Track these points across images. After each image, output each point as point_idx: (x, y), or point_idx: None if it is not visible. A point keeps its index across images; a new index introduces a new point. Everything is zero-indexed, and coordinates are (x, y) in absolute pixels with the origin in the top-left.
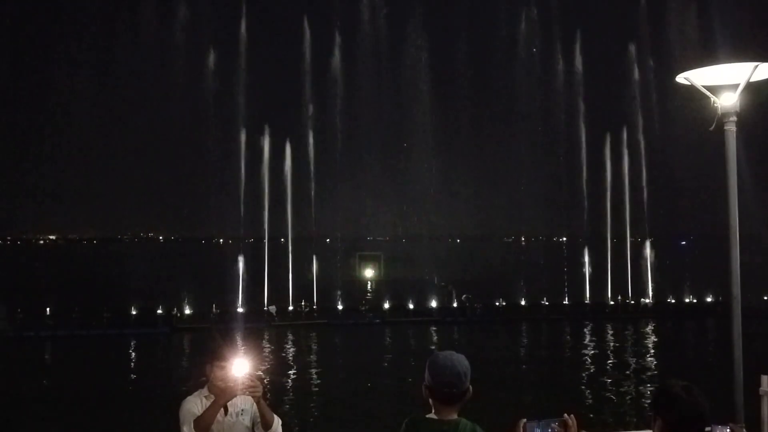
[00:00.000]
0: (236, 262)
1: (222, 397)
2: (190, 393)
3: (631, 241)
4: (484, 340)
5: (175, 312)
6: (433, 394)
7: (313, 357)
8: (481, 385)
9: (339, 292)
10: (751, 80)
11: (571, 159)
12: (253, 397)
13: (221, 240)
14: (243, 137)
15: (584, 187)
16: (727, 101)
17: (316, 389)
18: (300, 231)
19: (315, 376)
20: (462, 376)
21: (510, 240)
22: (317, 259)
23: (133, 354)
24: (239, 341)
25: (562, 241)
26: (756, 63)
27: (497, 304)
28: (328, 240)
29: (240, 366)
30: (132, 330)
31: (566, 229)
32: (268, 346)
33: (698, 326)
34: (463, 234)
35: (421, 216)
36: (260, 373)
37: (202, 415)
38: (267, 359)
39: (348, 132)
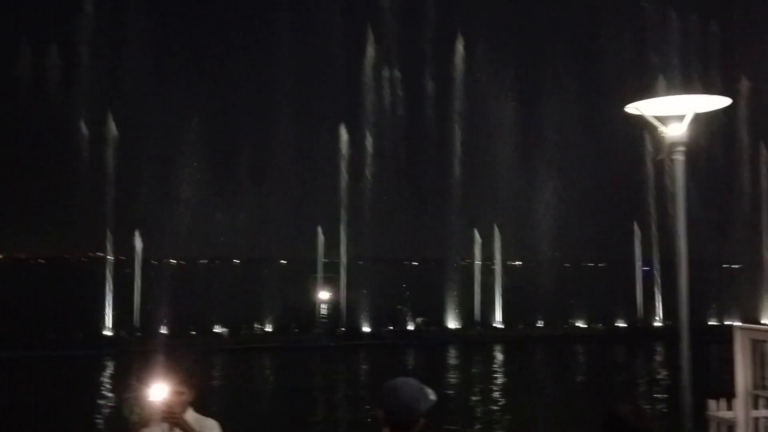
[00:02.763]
0: (190, 283)
1: (139, 423)
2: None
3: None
4: (437, 364)
5: (122, 334)
6: (382, 420)
7: (257, 381)
8: (434, 412)
9: (294, 315)
10: (698, 112)
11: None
12: (172, 423)
13: (173, 261)
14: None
15: None
16: (675, 131)
17: (258, 415)
18: (254, 252)
19: (258, 402)
20: (406, 408)
21: (465, 263)
22: (272, 281)
23: (72, 377)
24: (164, 366)
25: (517, 265)
26: (702, 95)
27: (451, 327)
28: (283, 261)
29: (157, 392)
30: (78, 352)
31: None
32: (214, 370)
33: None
34: (419, 256)
35: (377, 239)
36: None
37: None
38: (210, 384)
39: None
